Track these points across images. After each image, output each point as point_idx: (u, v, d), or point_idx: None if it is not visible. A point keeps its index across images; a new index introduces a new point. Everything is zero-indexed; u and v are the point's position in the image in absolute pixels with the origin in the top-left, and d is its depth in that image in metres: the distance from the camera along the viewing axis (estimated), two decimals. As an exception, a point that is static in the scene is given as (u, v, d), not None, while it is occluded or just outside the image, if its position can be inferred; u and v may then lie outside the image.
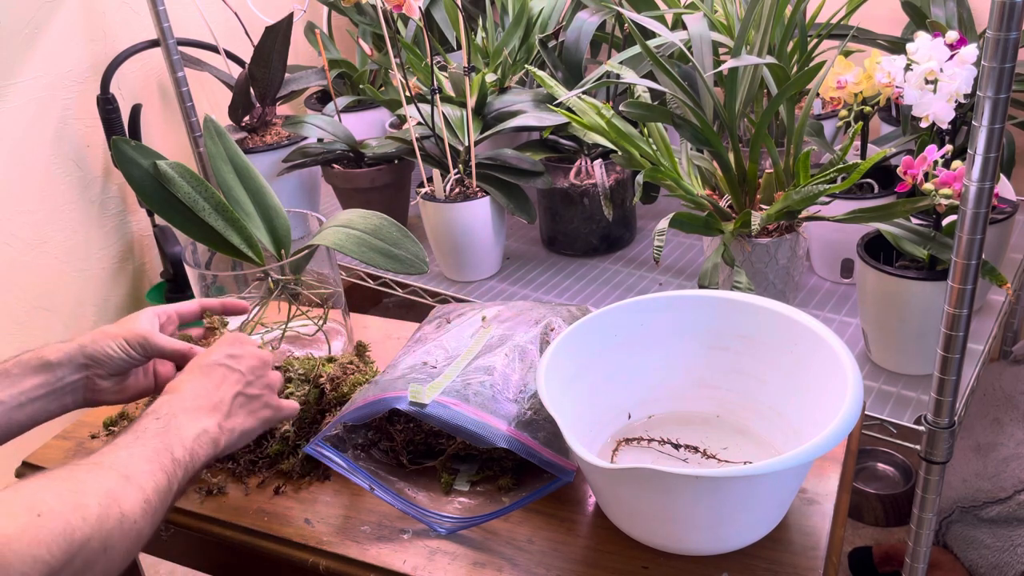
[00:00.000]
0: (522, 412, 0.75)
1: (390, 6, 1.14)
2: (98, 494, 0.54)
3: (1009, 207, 1.10)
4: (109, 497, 0.55)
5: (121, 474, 0.57)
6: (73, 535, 0.51)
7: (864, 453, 1.58)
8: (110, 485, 0.56)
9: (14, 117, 1.40)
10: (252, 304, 0.92)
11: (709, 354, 0.80)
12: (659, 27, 1.11)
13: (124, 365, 0.75)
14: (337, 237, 0.89)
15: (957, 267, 0.78)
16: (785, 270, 1.07)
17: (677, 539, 0.68)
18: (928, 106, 0.98)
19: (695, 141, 1.09)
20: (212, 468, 0.83)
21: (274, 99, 1.59)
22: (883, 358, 1.07)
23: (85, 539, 0.52)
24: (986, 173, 0.73)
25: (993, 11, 0.68)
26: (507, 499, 0.75)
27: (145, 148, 0.90)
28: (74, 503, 0.53)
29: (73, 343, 0.74)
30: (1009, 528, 1.24)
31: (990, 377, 1.44)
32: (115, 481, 0.56)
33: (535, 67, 1.33)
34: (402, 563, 0.70)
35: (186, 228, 0.91)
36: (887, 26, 1.39)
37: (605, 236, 1.41)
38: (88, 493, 0.54)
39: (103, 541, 0.53)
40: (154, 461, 0.60)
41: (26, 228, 1.43)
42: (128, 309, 1.65)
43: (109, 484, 0.56)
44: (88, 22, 1.51)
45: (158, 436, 0.62)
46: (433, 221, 1.34)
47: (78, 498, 0.53)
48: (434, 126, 1.32)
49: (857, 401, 0.65)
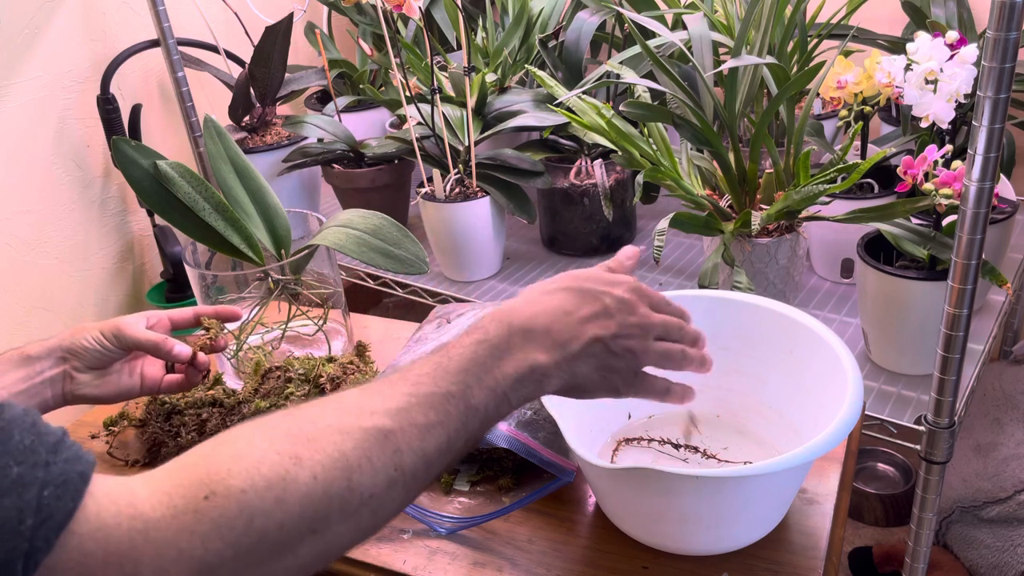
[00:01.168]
0: (522, 412, 0.75)
1: (390, 6, 1.14)
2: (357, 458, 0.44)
3: (1009, 207, 1.10)
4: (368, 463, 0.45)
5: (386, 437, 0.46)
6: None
7: (864, 453, 1.58)
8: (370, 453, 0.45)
9: (14, 117, 1.40)
10: (252, 304, 0.92)
11: (709, 354, 0.80)
12: (659, 27, 1.11)
13: (100, 356, 0.75)
14: (337, 237, 0.89)
15: (957, 267, 0.78)
16: (785, 270, 1.07)
17: (677, 539, 0.68)
18: (928, 106, 0.98)
19: (695, 141, 1.09)
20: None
21: (274, 99, 1.59)
22: (883, 358, 1.07)
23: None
24: (986, 173, 0.73)
25: (993, 11, 0.68)
26: (507, 499, 0.75)
27: (145, 148, 0.90)
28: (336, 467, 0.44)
29: (53, 339, 0.75)
30: (1009, 528, 1.24)
31: (990, 377, 1.44)
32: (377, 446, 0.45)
33: (535, 67, 1.33)
34: (402, 563, 0.70)
35: (186, 228, 0.91)
36: (887, 26, 1.39)
37: (605, 236, 1.41)
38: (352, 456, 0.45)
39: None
40: (438, 411, 0.49)
41: (26, 228, 1.43)
42: (128, 309, 1.66)
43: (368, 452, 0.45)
44: (88, 22, 1.51)
45: (462, 373, 0.51)
46: (433, 221, 1.34)
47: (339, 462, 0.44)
48: (434, 126, 1.32)
49: (857, 401, 0.65)
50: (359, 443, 0.45)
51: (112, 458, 0.85)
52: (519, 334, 0.54)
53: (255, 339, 0.93)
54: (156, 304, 1.64)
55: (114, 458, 0.85)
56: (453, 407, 0.50)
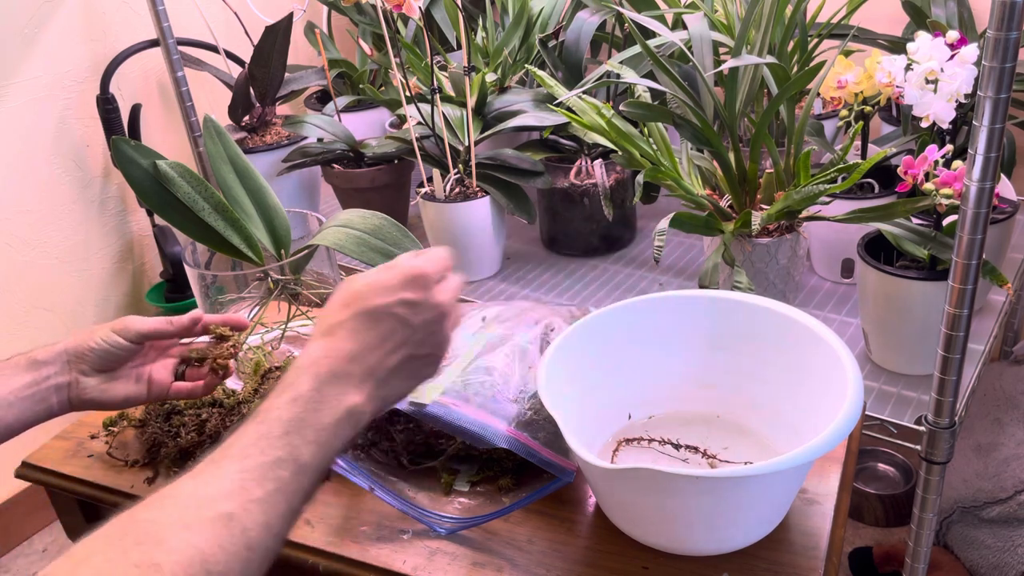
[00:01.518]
0: (522, 412, 0.75)
1: (390, 6, 1.14)
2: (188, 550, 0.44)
3: (1009, 207, 1.10)
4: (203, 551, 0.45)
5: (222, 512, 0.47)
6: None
7: (864, 453, 1.58)
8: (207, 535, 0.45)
9: (14, 117, 1.40)
10: (252, 304, 0.92)
11: (709, 354, 0.80)
12: (659, 27, 1.11)
13: (108, 356, 0.75)
14: (337, 237, 0.89)
15: (957, 267, 0.78)
16: (785, 270, 1.07)
17: (677, 539, 0.68)
18: (928, 106, 0.98)
19: (695, 141, 1.09)
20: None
21: (274, 99, 1.59)
22: (883, 358, 1.07)
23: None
24: (986, 173, 0.73)
25: (993, 11, 0.68)
26: (507, 499, 0.75)
27: (145, 148, 0.90)
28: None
29: (60, 343, 0.74)
30: (1009, 528, 1.24)
31: (990, 377, 1.44)
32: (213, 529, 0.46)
33: (535, 67, 1.33)
34: (402, 563, 0.70)
35: (186, 228, 0.91)
36: (887, 26, 1.39)
37: (605, 236, 1.41)
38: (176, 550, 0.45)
39: None
40: (267, 480, 0.49)
41: (26, 228, 1.43)
42: (128, 309, 1.66)
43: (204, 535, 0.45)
44: (88, 22, 1.51)
45: (286, 436, 0.51)
46: (433, 221, 1.34)
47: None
48: (434, 126, 1.32)
49: (857, 401, 0.64)
50: (207, 535, 0.45)
51: (112, 458, 0.85)
52: (328, 382, 0.54)
53: (255, 339, 0.93)
54: (156, 304, 1.64)
55: (114, 458, 0.85)
56: (285, 470, 0.50)
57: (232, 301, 0.93)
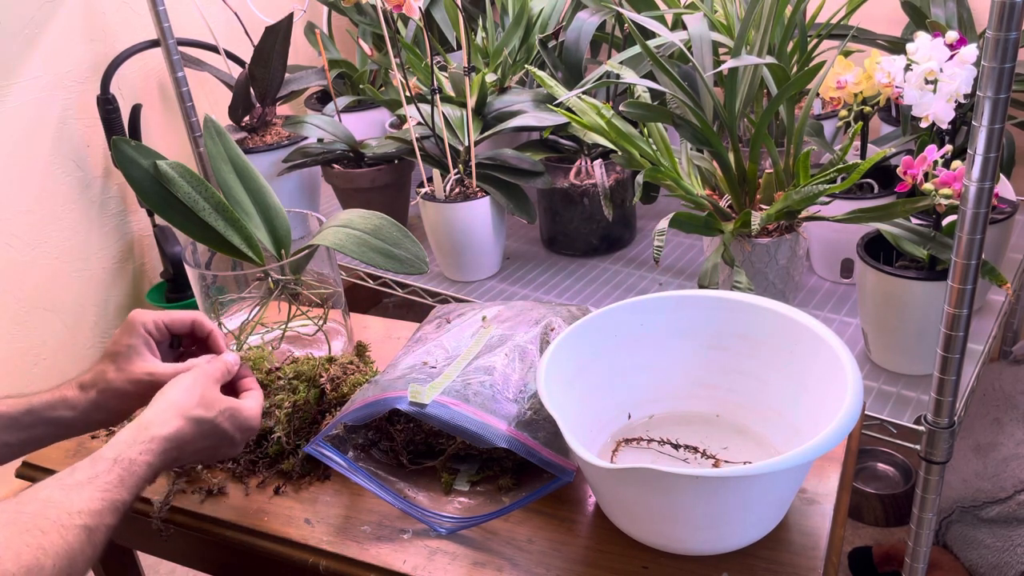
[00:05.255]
0: (522, 412, 0.75)
1: (390, 6, 1.14)
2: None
3: (1009, 207, 1.11)
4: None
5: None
6: None
7: (864, 453, 1.58)
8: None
9: (14, 117, 1.40)
10: (252, 304, 0.92)
11: (709, 354, 0.80)
12: (659, 27, 1.11)
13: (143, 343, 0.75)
14: (337, 237, 0.89)
15: (957, 267, 0.78)
16: (785, 270, 1.07)
17: (677, 539, 0.68)
18: (928, 106, 0.98)
19: (695, 141, 1.09)
20: (212, 468, 0.83)
21: (274, 99, 1.59)
22: (883, 358, 1.07)
23: None
24: (986, 173, 0.73)
25: (993, 11, 0.68)
26: (507, 499, 0.75)
27: (145, 148, 0.90)
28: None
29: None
30: (1009, 528, 1.24)
31: (990, 377, 1.44)
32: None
33: (535, 67, 1.33)
34: (402, 563, 0.70)
35: (186, 228, 0.91)
36: (887, 26, 1.39)
37: (605, 236, 1.41)
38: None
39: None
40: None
41: (26, 228, 1.43)
42: (128, 309, 1.65)
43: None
44: (88, 22, 1.51)
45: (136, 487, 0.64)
46: (433, 221, 1.34)
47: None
48: (434, 126, 1.32)
49: (857, 401, 0.65)
50: (76, 537, 0.57)
51: (112, 458, 0.85)
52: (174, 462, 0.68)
53: (255, 339, 0.93)
54: (156, 304, 1.64)
55: (114, 458, 0.85)
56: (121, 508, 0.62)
57: (232, 301, 0.93)
